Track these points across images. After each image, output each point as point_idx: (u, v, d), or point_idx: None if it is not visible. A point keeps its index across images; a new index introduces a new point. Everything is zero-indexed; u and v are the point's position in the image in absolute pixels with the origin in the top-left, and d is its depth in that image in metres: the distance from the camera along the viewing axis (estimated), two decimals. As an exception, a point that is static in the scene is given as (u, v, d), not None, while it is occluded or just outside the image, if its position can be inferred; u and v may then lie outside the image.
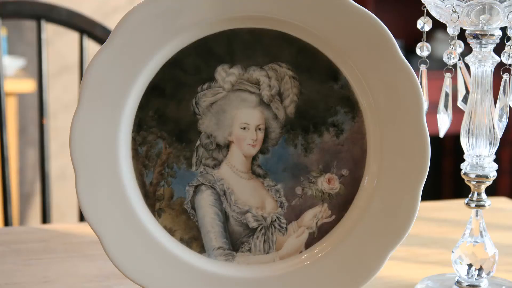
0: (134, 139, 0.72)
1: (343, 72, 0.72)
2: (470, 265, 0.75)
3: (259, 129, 0.72)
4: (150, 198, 0.72)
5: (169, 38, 0.70)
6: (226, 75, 0.71)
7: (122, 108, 0.70)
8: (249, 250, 0.73)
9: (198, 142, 0.72)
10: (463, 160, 0.76)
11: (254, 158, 0.72)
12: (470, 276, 0.75)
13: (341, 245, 0.72)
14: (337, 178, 0.73)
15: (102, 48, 0.69)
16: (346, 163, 0.72)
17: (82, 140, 0.70)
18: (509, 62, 0.70)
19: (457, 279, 0.77)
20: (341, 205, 0.73)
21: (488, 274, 0.75)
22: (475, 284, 0.75)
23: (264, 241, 0.73)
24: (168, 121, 0.72)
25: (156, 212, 0.72)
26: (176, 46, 0.71)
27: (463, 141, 0.73)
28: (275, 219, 0.73)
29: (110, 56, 0.69)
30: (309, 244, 0.73)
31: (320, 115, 0.72)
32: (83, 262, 0.89)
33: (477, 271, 0.74)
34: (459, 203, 1.19)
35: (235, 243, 0.73)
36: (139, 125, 0.72)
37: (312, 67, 0.72)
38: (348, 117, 0.72)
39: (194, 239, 0.73)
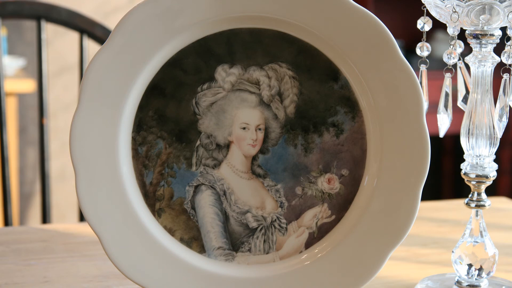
0: (134, 139, 0.72)
1: (343, 72, 0.72)
2: (470, 265, 0.75)
3: (259, 129, 0.72)
4: (150, 198, 0.72)
5: (169, 38, 0.70)
6: (226, 75, 0.71)
7: (122, 108, 0.70)
8: (249, 250, 0.73)
9: (198, 142, 0.72)
10: (463, 160, 0.75)
11: (254, 158, 0.72)
12: (470, 276, 0.75)
13: (341, 245, 0.72)
14: (337, 178, 0.73)
15: (102, 48, 0.69)
16: (346, 163, 0.72)
17: (82, 140, 0.70)
18: (509, 62, 0.70)
19: (457, 279, 0.77)
20: (341, 205, 0.73)
21: (488, 274, 0.75)
22: (475, 284, 0.75)
23: (264, 241, 0.73)
24: (168, 121, 0.72)
25: (156, 212, 0.72)
26: (176, 46, 0.71)
27: (463, 141, 0.73)
28: (275, 219, 0.73)
29: (110, 56, 0.69)
30: (309, 244, 0.73)
31: (320, 115, 0.72)
32: (83, 262, 0.89)
33: (477, 271, 0.74)
34: (459, 203, 1.19)
35: (235, 243, 0.73)
36: (139, 125, 0.72)
37: (312, 67, 0.72)
38: (348, 117, 0.72)
39: (194, 239, 0.73)
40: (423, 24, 0.73)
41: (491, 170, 0.73)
